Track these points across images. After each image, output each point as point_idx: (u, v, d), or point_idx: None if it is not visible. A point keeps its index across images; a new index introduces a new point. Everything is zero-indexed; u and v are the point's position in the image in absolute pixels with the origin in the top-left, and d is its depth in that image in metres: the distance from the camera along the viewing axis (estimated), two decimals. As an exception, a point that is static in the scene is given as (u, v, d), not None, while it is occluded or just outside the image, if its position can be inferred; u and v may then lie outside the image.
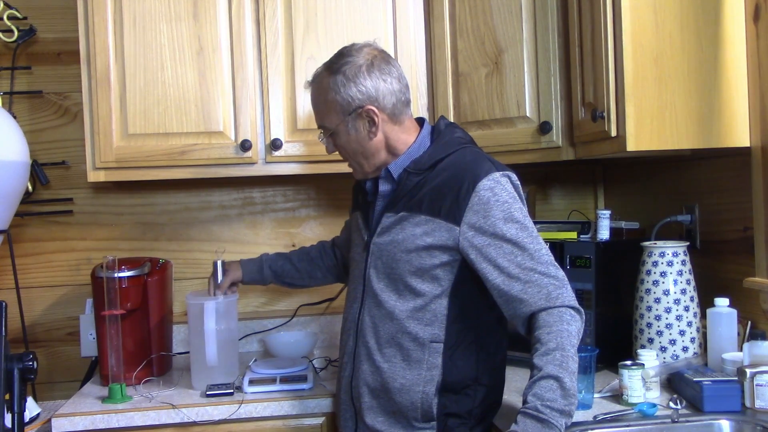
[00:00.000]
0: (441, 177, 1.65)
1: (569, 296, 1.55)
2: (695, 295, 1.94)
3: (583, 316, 1.57)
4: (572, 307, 1.54)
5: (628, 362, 1.76)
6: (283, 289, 2.44)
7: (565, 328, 1.51)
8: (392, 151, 1.73)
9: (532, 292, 1.54)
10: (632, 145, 1.80)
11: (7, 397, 1.59)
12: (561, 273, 1.57)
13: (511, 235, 1.57)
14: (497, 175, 1.62)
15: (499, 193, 1.59)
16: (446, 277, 1.63)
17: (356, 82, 1.68)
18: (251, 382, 2.05)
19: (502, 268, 1.57)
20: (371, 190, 1.78)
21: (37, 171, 2.42)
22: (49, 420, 1.94)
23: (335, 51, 2.26)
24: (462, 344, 1.65)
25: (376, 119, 1.69)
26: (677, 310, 1.92)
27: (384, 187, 1.74)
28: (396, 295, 1.66)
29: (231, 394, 2.01)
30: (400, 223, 1.67)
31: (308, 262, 2.19)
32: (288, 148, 2.29)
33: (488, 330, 1.67)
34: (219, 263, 2.11)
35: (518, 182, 1.67)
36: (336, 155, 2.28)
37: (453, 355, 1.64)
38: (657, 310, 1.93)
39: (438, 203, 1.63)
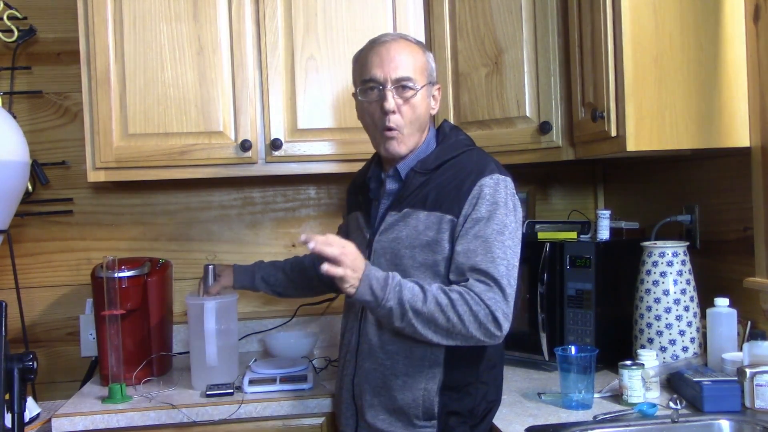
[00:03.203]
0: (446, 175, 1.68)
1: (501, 308, 1.55)
2: (695, 295, 1.94)
3: (498, 334, 1.56)
4: (494, 316, 1.55)
5: (628, 362, 1.76)
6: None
7: (474, 311, 1.53)
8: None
9: (474, 283, 1.57)
10: (632, 145, 1.80)
11: (7, 397, 1.59)
12: (510, 290, 1.58)
13: (485, 233, 1.60)
14: (499, 177, 1.66)
15: (495, 193, 1.63)
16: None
17: (435, 64, 1.81)
18: (251, 382, 2.05)
19: (459, 263, 1.60)
20: (375, 188, 1.80)
21: (37, 171, 2.42)
22: (49, 420, 1.94)
23: (335, 51, 2.29)
24: None
25: (438, 98, 1.81)
26: (677, 310, 1.92)
27: (391, 185, 1.76)
28: None
29: (231, 394, 2.01)
30: (404, 220, 1.68)
31: (301, 272, 2.18)
32: (288, 148, 2.29)
33: None
34: (210, 267, 2.12)
35: (514, 191, 1.69)
36: (333, 155, 2.30)
37: (455, 352, 1.64)
38: (657, 310, 1.93)
39: (441, 199, 1.65)
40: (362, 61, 1.75)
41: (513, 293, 1.59)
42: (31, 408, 2.09)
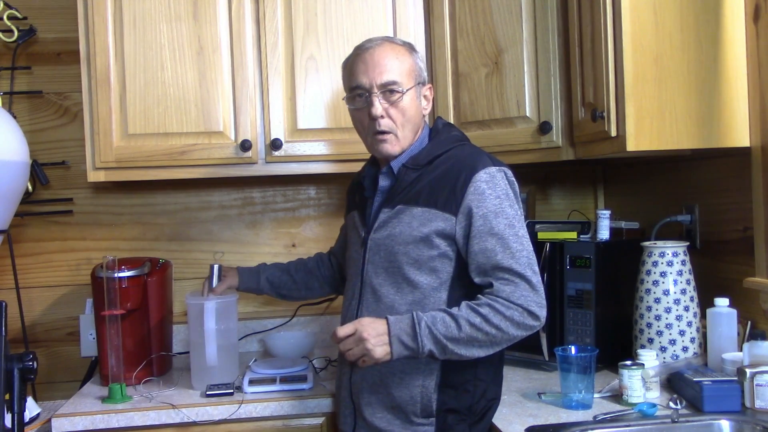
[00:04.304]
0: (439, 170, 1.69)
1: (533, 300, 1.58)
2: (695, 295, 1.94)
3: (537, 323, 1.59)
4: (529, 311, 1.57)
5: (628, 362, 1.76)
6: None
7: (508, 316, 1.56)
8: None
9: (500, 287, 1.58)
10: (632, 145, 1.80)
11: (7, 397, 1.59)
12: (536, 278, 1.60)
13: (498, 230, 1.60)
14: (494, 169, 1.66)
15: (494, 186, 1.63)
16: (444, 269, 1.65)
17: (424, 64, 1.82)
18: (251, 382, 2.05)
19: (479, 263, 1.61)
20: (369, 187, 1.80)
21: (37, 171, 2.42)
22: (49, 420, 1.94)
23: (335, 51, 2.29)
24: None
25: (430, 98, 1.80)
26: (677, 310, 1.92)
27: (384, 182, 1.77)
28: (395, 288, 1.67)
29: (231, 394, 2.02)
30: (397, 216, 1.69)
31: (305, 273, 2.17)
32: (288, 148, 2.29)
33: None
34: (216, 267, 2.11)
35: (513, 179, 1.69)
36: (333, 155, 2.30)
37: None
38: (657, 310, 1.93)
39: (435, 195, 1.65)
40: (349, 69, 1.77)
41: (539, 280, 1.61)
42: (31, 408, 2.09)
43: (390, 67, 1.70)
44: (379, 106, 1.69)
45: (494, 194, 1.62)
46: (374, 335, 1.57)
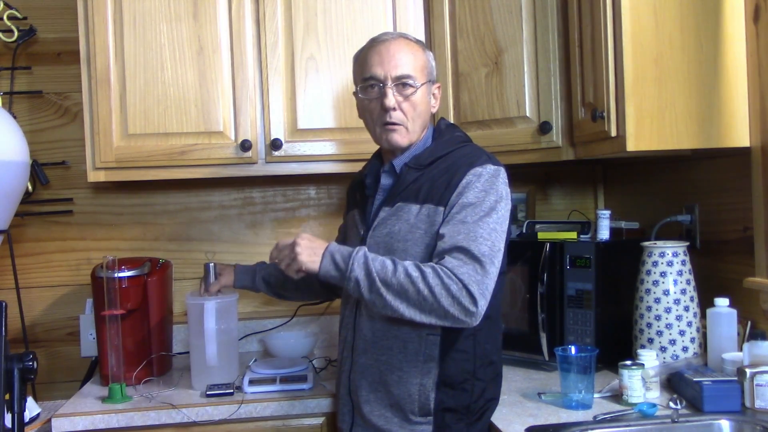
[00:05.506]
0: (439, 169, 1.69)
1: (476, 281, 1.52)
2: (695, 295, 1.94)
3: (472, 309, 1.52)
4: (468, 289, 1.52)
5: (628, 362, 1.76)
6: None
7: (446, 284, 1.51)
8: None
9: (448, 260, 1.55)
10: (632, 145, 1.80)
11: (7, 397, 1.59)
12: (492, 267, 1.56)
13: (470, 218, 1.59)
14: (492, 167, 1.66)
15: (485, 180, 1.63)
16: None
17: (434, 63, 1.84)
18: (251, 382, 2.05)
19: (439, 244, 1.59)
20: (371, 185, 1.80)
21: (37, 171, 2.42)
22: (49, 420, 1.94)
23: (335, 51, 2.29)
24: (459, 337, 1.65)
25: (438, 96, 1.83)
26: (677, 310, 1.92)
27: (386, 181, 1.78)
28: None
29: (231, 394, 2.02)
30: (396, 214, 1.69)
31: None
32: (288, 148, 2.29)
33: (484, 323, 1.67)
34: (211, 266, 2.11)
35: (506, 181, 1.68)
36: (333, 155, 2.30)
37: (450, 347, 1.65)
38: (657, 310, 1.93)
39: (434, 192, 1.66)
40: (362, 60, 1.76)
41: (495, 272, 1.57)
42: (31, 408, 2.09)
43: (405, 61, 1.72)
44: (392, 97, 1.70)
45: (482, 187, 1.62)
46: (308, 246, 1.62)
